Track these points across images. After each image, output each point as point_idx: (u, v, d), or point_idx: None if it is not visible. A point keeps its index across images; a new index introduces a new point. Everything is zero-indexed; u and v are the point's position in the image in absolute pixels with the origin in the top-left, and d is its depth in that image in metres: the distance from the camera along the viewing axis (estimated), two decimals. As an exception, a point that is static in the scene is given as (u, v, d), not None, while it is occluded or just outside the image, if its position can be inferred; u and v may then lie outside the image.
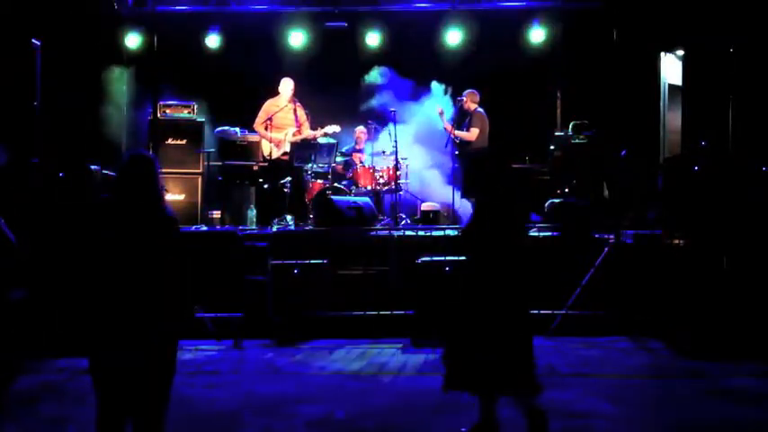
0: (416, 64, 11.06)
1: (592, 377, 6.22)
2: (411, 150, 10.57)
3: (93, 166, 8.53)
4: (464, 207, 9.76)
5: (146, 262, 3.83)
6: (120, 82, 10.91)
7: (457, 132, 9.61)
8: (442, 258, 7.86)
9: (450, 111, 10.20)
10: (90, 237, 3.95)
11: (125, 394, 3.84)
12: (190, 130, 10.38)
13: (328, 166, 10.06)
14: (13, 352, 4.51)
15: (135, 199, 3.92)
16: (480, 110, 9.65)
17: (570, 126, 10.17)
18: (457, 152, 9.74)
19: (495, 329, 4.49)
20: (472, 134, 9.55)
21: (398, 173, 10.00)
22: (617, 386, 6.15)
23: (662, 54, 10.21)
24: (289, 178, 9.68)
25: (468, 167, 4.90)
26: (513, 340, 4.53)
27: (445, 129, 9.67)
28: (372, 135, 10.60)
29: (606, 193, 9.65)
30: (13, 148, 8.48)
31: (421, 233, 8.93)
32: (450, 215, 10.73)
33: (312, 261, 8.00)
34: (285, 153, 9.82)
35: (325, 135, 9.87)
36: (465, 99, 9.70)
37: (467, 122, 9.68)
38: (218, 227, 9.89)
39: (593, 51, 10.39)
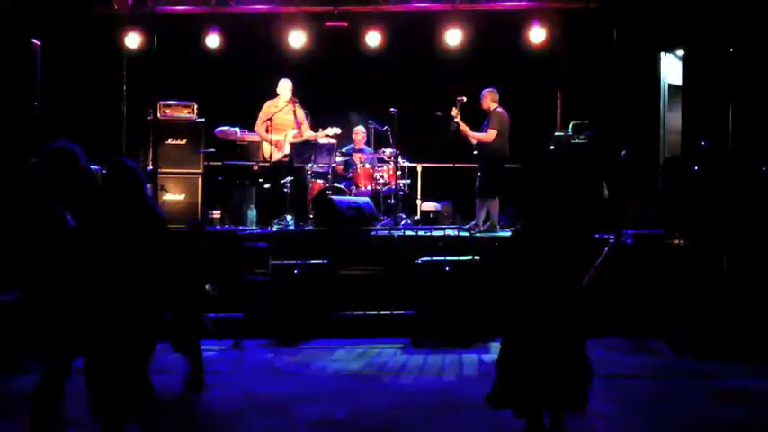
0: (416, 64, 11.05)
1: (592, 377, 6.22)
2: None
3: (93, 166, 8.52)
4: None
5: (133, 261, 3.88)
6: (119, 82, 10.90)
7: (472, 134, 9.44)
8: (442, 258, 7.87)
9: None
10: (83, 236, 4.01)
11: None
12: (190, 130, 10.35)
13: (328, 167, 10.05)
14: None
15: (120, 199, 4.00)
16: (500, 109, 9.38)
17: (570, 126, 10.15)
18: (475, 153, 9.63)
19: (554, 338, 4.42)
20: (489, 135, 9.26)
21: (398, 173, 10.00)
22: (617, 386, 6.15)
23: (662, 54, 10.20)
24: (289, 178, 9.68)
25: (521, 180, 4.83)
26: (570, 348, 4.47)
27: (461, 131, 9.47)
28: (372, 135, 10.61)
29: (606, 193, 9.64)
30: (12, 148, 8.50)
31: (421, 233, 8.94)
32: (451, 215, 10.74)
33: (312, 261, 8.00)
34: (285, 154, 9.82)
35: (326, 137, 9.88)
36: (484, 97, 9.45)
37: (486, 123, 9.45)
38: (218, 227, 9.89)
39: (593, 51, 10.37)
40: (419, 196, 10.88)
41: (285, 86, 9.90)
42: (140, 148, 10.35)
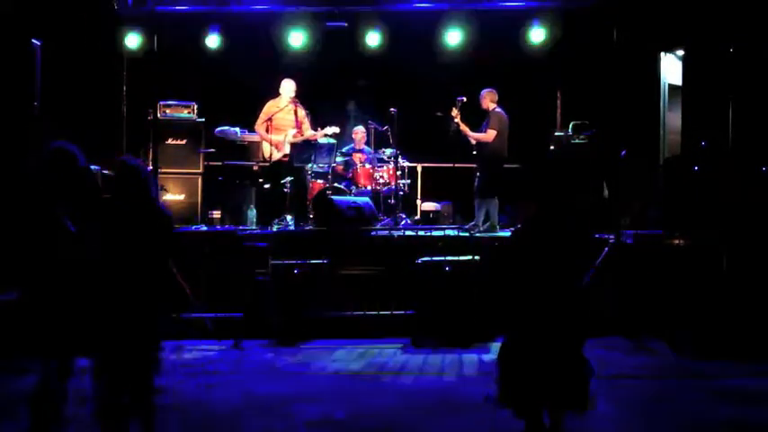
0: (416, 64, 11.05)
1: (592, 377, 6.22)
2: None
3: (93, 166, 8.52)
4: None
5: (133, 261, 3.90)
6: (119, 82, 10.90)
7: (471, 134, 9.44)
8: (442, 258, 7.87)
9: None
10: (83, 236, 4.03)
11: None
12: (190, 130, 10.36)
13: (328, 167, 10.05)
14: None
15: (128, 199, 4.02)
16: (499, 109, 9.40)
17: (570, 126, 10.15)
18: (475, 153, 9.63)
19: (556, 337, 4.42)
20: (489, 135, 9.27)
21: (398, 173, 10.00)
22: (617, 386, 6.15)
23: (662, 54, 10.21)
24: (289, 178, 9.67)
25: (531, 174, 4.83)
26: (570, 348, 4.46)
27: (461, 131, 9.46)
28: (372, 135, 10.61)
29: (606, 193, 9.64)
30: (12, 148, 8.50)
31: (421, 233, 8.94)
32: (451, 215, 10.74)
33: (312, 261, 8.00)
34: (285, 154, 9.82)
35: (325, 136, 9.88)
36: (483, 97, 9.46)
37: (485, 123, 9.46)
38: (218, 227, 9.89)
39: (593, 51, 10.37)
40: (419, 196, 10.88)
41: (288, 87, 9.89)
42: (140, 148, 10.34)
